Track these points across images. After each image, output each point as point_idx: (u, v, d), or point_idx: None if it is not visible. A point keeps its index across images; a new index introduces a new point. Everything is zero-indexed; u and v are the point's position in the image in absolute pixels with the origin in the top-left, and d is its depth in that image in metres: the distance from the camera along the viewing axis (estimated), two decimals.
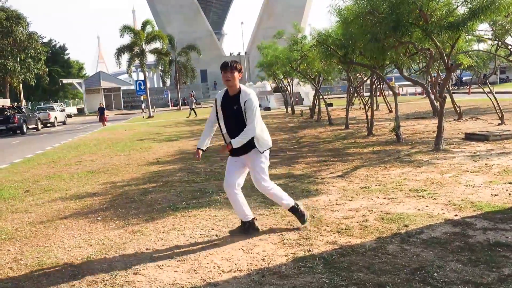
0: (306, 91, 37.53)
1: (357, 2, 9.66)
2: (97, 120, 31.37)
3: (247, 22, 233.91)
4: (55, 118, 34.21)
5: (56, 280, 3.89)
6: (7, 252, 4.78)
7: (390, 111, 20.90)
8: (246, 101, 4.44)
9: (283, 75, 25.79)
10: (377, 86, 20.81)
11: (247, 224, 4.74)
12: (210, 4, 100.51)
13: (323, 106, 20.14)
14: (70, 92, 66.82)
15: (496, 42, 13.19)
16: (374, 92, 17.04)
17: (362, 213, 5.23)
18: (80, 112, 55.77)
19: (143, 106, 40.19)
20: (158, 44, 38.10)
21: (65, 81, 56.95)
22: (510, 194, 5.55)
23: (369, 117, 13.03)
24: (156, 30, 38.38)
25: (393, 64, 12.52)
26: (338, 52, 11.87)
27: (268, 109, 33.02)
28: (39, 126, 30.30)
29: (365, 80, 19.57)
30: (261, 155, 4.56)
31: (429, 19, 8.50)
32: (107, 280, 3.83)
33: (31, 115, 29.88)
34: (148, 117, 35.28)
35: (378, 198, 5.86)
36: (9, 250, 4.82)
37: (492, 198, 5.43)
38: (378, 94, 23.85)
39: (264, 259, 4.04)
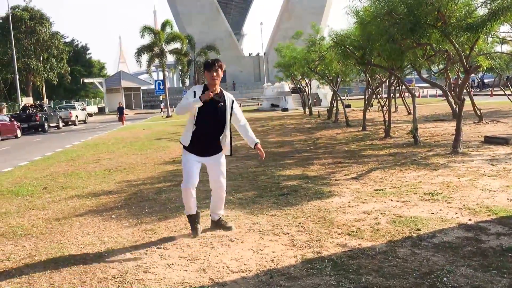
0: (325, 92, 37.32)
1: (374, 3, 9.60)
2: (116, 119, 31.88)
3: (266, 22, 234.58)
4: (76, 116, 34.77)
5: (67, 277, 3.96)
6: (23, 248, 4.88)
7: (409, 113, 20.65)
8: (233, 101, 4.78)
9: (301, 76, 25.73)
10: (395, 88, 20.58)
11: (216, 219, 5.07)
12: (230, 4, 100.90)
13: (341, 107, 20.02)
14: (91, 91, 67.89)
15: None
16: (393, 94, 16.86)
17: (374, 215, 5.19)
18: (101, 111, 56.59)
19: (162, 106, 40.57)
20: (178, 45, 38.43)
21: (86, 80, 57.90)
22: None
23: (386, 119, 12.91)
24: (176, 31, 38.70)
25: (411, 66, 12.38)
26: (356, 53, 11.80)
27: (286, 110, 32.89)
28: (61, 124, 30.89)
29: (384, 81, 19.38)
30: (224, 155, 4.94)
31: (447, 20, 8.38)
32: (117, 277, 3.88)
33: (52, 114, 30.50)
34: (167, 116, 35.59)
35: (392, 201, 5.81)
36: (24, 246, 4.93)
37: (508, 203, 5.33)
38: (397, 96, 23.58)
39: (273, 260, 4.05)
